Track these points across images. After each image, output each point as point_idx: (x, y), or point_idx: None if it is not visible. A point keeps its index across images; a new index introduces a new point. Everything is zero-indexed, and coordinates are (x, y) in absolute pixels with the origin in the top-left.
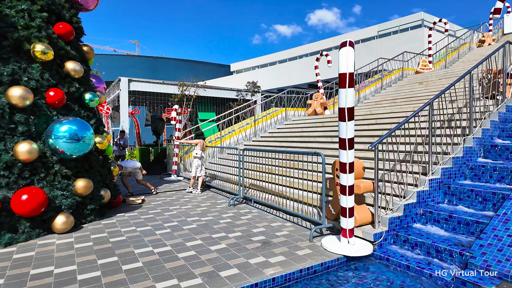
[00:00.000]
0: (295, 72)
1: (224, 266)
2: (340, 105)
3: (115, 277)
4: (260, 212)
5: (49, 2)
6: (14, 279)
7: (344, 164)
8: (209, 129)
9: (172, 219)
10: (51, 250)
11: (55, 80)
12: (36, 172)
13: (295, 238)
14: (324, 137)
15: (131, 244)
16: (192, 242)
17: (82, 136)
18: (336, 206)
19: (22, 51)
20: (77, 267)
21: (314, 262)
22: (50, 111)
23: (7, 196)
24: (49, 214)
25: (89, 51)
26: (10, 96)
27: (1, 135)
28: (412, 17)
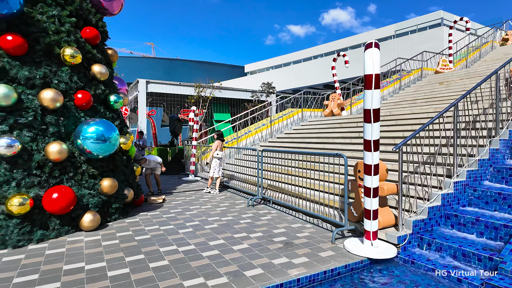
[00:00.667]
0: (310, 73)
1: (248, 265)
2: (365, 107)
3: (143, 274)
4: (279, 213)
5: (77, 8)
6: (49, 274)
7: (369, 166)
8: (225, 130)
9: (193, 218)
10: (80, 247)
11: (82, 82)
12: (65, 171)
13: (316, 239)
14: (342, 138)
15: (156, 242)
16: (215, 242)
17: (108, 137)
18: (358, 208)
19: (52, 55)
20: (106, 264)
21: (338, 264)
22: (78, 113)
23: (39, 194)
24: (77, 212)
25: (113, 54)
26: (42, 99)
27: (34, 136)
28: (431, 15)
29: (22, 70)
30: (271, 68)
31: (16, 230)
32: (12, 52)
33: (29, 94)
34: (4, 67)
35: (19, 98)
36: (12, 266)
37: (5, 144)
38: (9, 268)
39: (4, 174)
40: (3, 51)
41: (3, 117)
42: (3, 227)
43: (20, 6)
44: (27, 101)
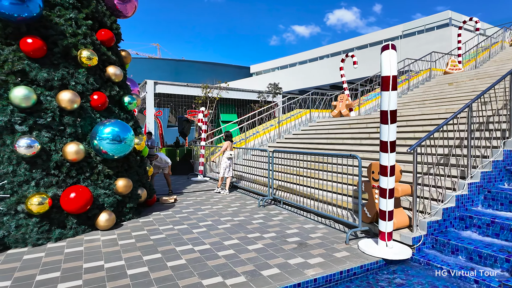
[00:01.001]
0: (316, 73)
1: (264, 265)
2: (382, 108)
3: (162, 273)
4: (290, 213)
5: (93, 10)
6: (70, 272)
7: (385, 167)
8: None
9: (206, 218)
10: (97, 245)
11: (98, 84)
12: (81, 171)
13: (330, 240)
14: (352, 139)
15: (171, 241)
16: (229, 241)
17: (124, 138)
18: (371, 209)
19: (70, 57)
20: (125, 263)
21: (354, 264)
22: (94, 114)
23: (57, 193)
24: (93, 211)
25: (126, 56)
26: (60, 100)
27: (52, 136)
28: (439, 16)
29: (41, 72)
30: (277, 68)
31: (35, 229)
32: (32, 54)
33: (47, 96)
34: (24, 69)
35: (38, 99)
36: (33, 264)
37: (25, 145)
38: (31, 265)
39: (24, 174)
40: (23, 54)
41: (23, 118)
42: (23, 225)
43: (39, 10)
44: (46, 103)
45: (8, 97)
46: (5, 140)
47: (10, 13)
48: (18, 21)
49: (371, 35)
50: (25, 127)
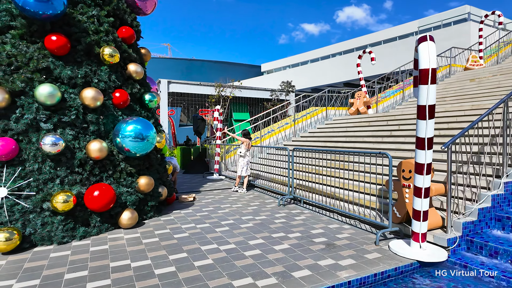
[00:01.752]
0: (328, 71)
1: (294, 266)
2: (420, 103)
3: (190, 273)
4: (312, 213)
5: (115, 7)
6: (97, 271)
7: (422, 165)
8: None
9: (227, 217)
10: (122, 244)
11: (120, 81)
12: (104, 169)
13: (358, 241)
14: (372, 137)
15: (195, 240)
16: (254, 241)
17: (146, 135)
18: (401, 209)
19: (92, 55)
20: (151, 262)
21: (388, 266)
22: (116, 111)
23: (81, 191)
24: (116, 210)
25: (146, 53)
26: (84, 97)
27: (75, 134)
28: (456, 11)
29: (65, 70)
30: (288, 67)
31: (60, 227)
32: (56, 52)
33: (71, 93)
34: (48, 67)
35: (62, 97)
36: (61, 262)
37: (51, 142)
38: (59, 264)
39: (49, 172)
40: (48, 51)
41: (48, 115)
42: (49, 223)
43: (63, 7)
44: (70, 100)
45: (33, 94)
46: (31, 138)
47: (35, 11)
48: (42, 19)
49: (385, 32)
50: (50, 125)
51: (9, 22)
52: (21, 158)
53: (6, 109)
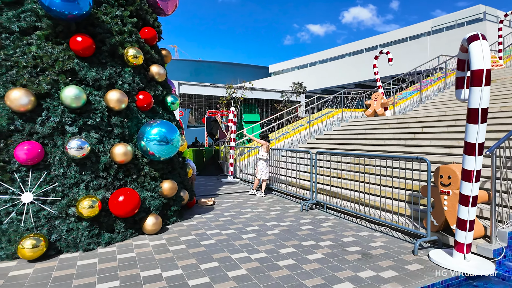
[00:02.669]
0: (338, 72)
1: (334, 279)
2: (471, 106)
3: (226, 284)
4: (338, 219)
5: (137, 8)
6: (129, 281)
7: (470, 172)
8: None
9: (251, 222)
10: (149, 251)
11: (143, 83)
12: (129, 173)
13: (394, 250)
14: (394, 140)
15: (224, 248)
16: (285, 250)
17: (171, 139)
18: (439, 217)
19: (116, 56)
20: (183, 272)
21: (433, 279)
22: (140, 114)
23: (106, 196)
24: (140, 215)
25: (167, 54)
26: (109, 100)
27: (100, 137)
28: (470, 10)
29: (90, 71)
30: (296, 68)
31: (86, 233)
32: (81, 53)
33: (96, 96)
34: (74, 69)
35: (87, 99)
36: (89, 271)
37: (76, 146)
38: (88, 273)
39: (74, 176)
40: (73, 53)
41: (73, 118)
42: (74, 229)
43: (89, 7)
44: (95, 103)
45: (59, 97)
46: (56, 141)
47: (61, 11)
48: (68, 19)
49: (396, 32)
50: (75, 128)
51: (34, 23)
52: (47, 162)
53: (32, 112)
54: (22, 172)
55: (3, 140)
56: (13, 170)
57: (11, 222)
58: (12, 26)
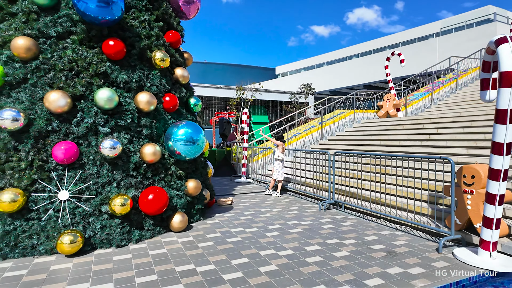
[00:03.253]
0: (346, 73)
1: (363, 274)
2: (500, 106)
3: (260, 279)
4: (358, 218)
5: (163, 12)
6: (166, 275)
7: (498, 171)
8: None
9: (272, 221)
10: (179, 248)
11: (169, 85)
12: (156, 172)
13: (418, 248)
14: (409, 140)
15: (251, 245)
16: (310, 247)
17: (197, 139)
18: (462, 216)
19: (144, 59)
20: (215, 267)
21: (461, 276)
22: (166, 115)
23: (136, 195)
24: (168, 213)
25: (189, 57)
26: (139, 101)
27: (130, 138)
28: (479, 11)
29: (121, 74)
30: (303, 69)
31: (118, 230)
32: (113, 56)
33: (126, 97)
34: (106, 71)
35: (118, 101)
36: (126, 265)
37: (109, 146)
38: (125, 267)
39: (106, 175)
40: (105, 56)
41: (106, 119)
42: (107, 226)
43: (121, 13)
44: (126, 104)
45: (92, 98)
46: (90, 142)
47: (95, 16)
48: (101, 24)
49: (404, 33)
50: (107, 129)
51: (69, 28)
52: (81, 161)
53: (68, 113)
54: (59, 171)
55: (42, 140)
56: (50, 169)
57: (49, 218)
58: (49, 31)
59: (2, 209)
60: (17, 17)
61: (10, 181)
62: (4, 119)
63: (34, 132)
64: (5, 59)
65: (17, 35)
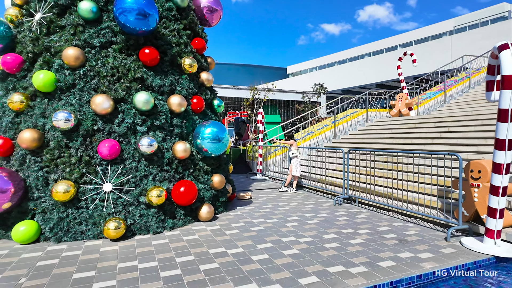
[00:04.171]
0: (358, 73)
1: (376, 258)
2: (502, 106)
3: (284, 260)
4: (371, 212)
5: (190, 21)
6: (202, 256)
7: (500, 165)
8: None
9: (290, 214)
10: (208, 235)
11: (196, 89)
12: (186, 167)
13: (428, 237)
14: (421, 139)
15: (273, 233)
16: (328, 236)
17: (222, 137)
18: (470, 208)
19: (175, 65)
20: (244, 250)
21: (466, 260)
22: (194, 116)
23: (169, 187)
24: (196, 204)
25: (211, 62)
26: (171, 103)
27: (164, 136)
28: (493, 9)
29: (155, 79)
30: (314, 69)
31: (154, 218)
32: (149, 63)
33: (160, 100)
34: (142, 77)
35: (154, 103)
36: (165, 248)
37: (147, 144)
38: (164, 250)
39: (144, 170)
40: (141, 63)
41: (143, 120)
42: (145, 215)
43: (156, 24)
44: (160, 106)
45: (131, 101)
46: (130, 140)
47: (133, 27)
48: (138, 34)
49: (416, 32)
50: (144, 128)
51: (111, 38)
52: (122, 157)
53: (111, 115)
54: (103, 166)
55: (89, 138)
56: (96, 164)
57: (95, 207)
58: (94, 42)
59: (57, 199)
60: (66, 29)
61: (62, 174)
62: (58, 120)
63: (82, 131)
64: (57, 67)
65: (66, 45)
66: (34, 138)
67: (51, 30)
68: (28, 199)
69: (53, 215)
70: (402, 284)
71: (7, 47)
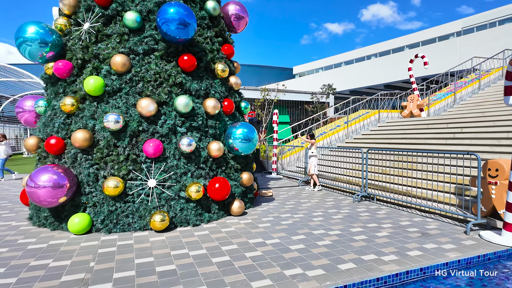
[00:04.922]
0: (365, 73)
1: (404, 248)
2: None
3: (319, 249)
4: (390, 208)
5: (220, 29)
6: (243, 245)
7: None
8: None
9: (314, 209)
10: (243, 227)
11: (226, 92)
12: (219, 165)
13: (448, 231)
14: (434, 139)
15: (303, 227)
16: (354, 229)
17: (251, 137)
18: (487, 204)
19: (209, 70)
20: (280, 241)
21: (487, 250)
22: (225, 117)
23: (205, 184)
24: (228, 199)
25: (237, 66)
26: (207, 106)
27: (200, 136)
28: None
29: (193, 84)
30: (321, 69)
31: (193, 212)
32: (187, 69)
33: (197, 103)
34: (181, 82)
35: (192, 106)
36: (208, 238)
37: (187, 143)
38: (208, 239)
39: (183, 167)
40: (180, 69)
41: (183, 121)
42: (185, 209)
43: (194, 32)
44: (197, 109)
45: (172, 104)
46: (171, 139)
47: (174, 35)
48: (177, 42)
49: (423, 33)
50: (184, 129)
51: (153, 46)
52: (164, 156)
53: (154, 116)
54: (147, 163)
55: (135, 138)
56: (141, 162)
57: (141, 202)
58: (138, 49)
59: (108, 193)
60: (112, 38)
61: (111, 171)
62: (109, 121)
63: (129, 132)
64: (105, 73)
65: (114, 53)
66: (86, 138)
67: (99, 39)
68: (80, 193)
69: (104, 208)
70: (430, 270)
71: (58, 54)
